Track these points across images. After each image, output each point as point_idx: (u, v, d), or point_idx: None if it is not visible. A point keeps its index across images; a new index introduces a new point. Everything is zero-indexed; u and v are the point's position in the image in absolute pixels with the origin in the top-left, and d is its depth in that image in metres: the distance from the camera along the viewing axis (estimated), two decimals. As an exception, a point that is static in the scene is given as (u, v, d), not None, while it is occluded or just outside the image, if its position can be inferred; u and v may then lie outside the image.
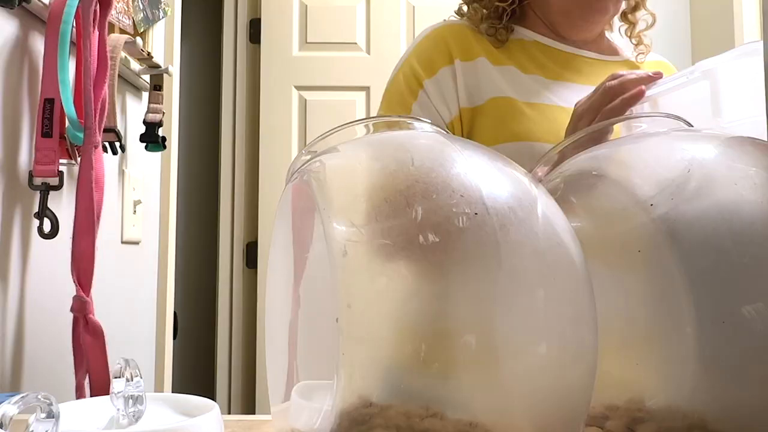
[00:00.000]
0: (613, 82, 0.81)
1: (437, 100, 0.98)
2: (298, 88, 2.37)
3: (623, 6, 1.02)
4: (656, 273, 0.48)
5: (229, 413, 2.27)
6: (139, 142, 1.25)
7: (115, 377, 0.53)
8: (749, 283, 0.45)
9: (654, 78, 0.79)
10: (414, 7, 2.39)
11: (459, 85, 0.98)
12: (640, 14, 1.05)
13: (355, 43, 2.39)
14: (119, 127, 1.08)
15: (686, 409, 0.46)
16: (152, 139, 1.24)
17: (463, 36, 1.01)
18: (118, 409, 0.53)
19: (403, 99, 1.01)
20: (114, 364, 0.55)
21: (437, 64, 0.99)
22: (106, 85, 0.96)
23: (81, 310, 0.87)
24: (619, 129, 0.73)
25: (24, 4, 0.88)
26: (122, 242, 1.26)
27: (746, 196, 0.47)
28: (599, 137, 0.62)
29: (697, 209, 0.48)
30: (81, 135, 0.90)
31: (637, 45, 1.06)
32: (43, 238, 0.90)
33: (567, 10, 1.00)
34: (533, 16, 1.04)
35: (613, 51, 1.06)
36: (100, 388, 0.87)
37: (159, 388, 1.43)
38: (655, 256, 0.48)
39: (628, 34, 1.06)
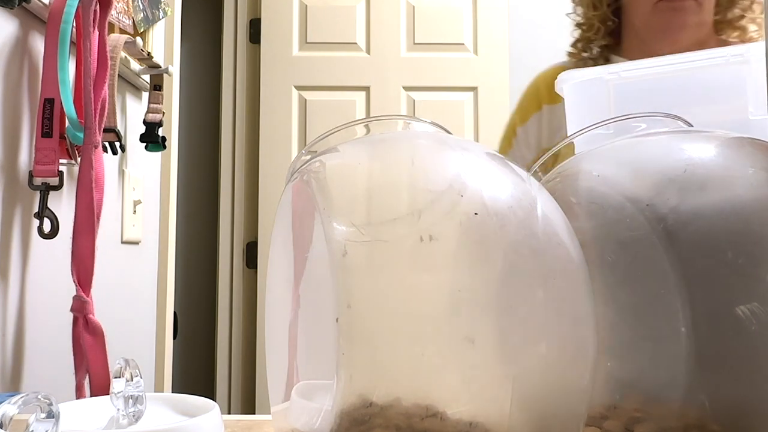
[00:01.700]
0: None
1: (523, 145, 1.11)
2: (298, 88, 2.37)
3: (724, 15, 1.06)
4: (653, 273, 0.48)
5: (229, 413, 2.27)
6: (139, 142, 1.25)
7: (115, 377, 0.53)
8: (745, 283, 0.45)
9: None
10: (414, 7, 2.39)
11: (543, 128, 1.11)
12: (752, 19, 1.07)
13: (355, 43, 2.39)
14: (119, 127, 1.08)
15: (683, 409, 0.46)
16: (152, 139, 1.24)
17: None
18: (118, 409, 0.53)
19: (507, 138, 1.19)
20: (114, 364, 0.55)
21: (528, 113, 1.13)
22: (106, 85, 0.96)
23: (81, 310, 0.87)
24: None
25: (24, 4, 0.88)
26: (122, 242, 1.26)
27: (743, 196, 0.47)
28: None
29: (693, 209, 0.48)
30: (81, 135, 0.90)
31: None
32: (43, 238, 0.90)
33: (648, 26, 1.06)
34: (628, 40, 1.11)
35: None
36: (100, 388, 0.87)
37: (159, 388, 1.43)
38: (652, 256, 0.48)
39: (741, 40, 1.08)
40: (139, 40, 1.14)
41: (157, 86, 1.24)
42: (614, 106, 0.77)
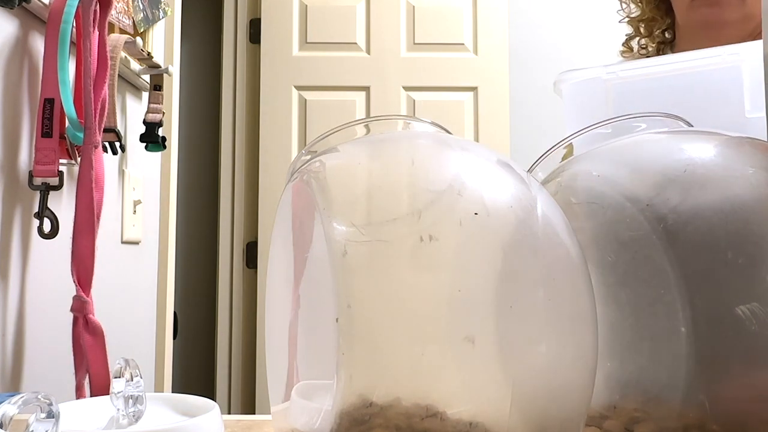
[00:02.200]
0: None
1: None
2: (298, 88, 2.37)
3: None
4: (653, 273, 0.48)
5: (229, 413, 2.27)
6: (139, 142, 1.25)
7: (115, 377, 0.53)
8: (744, 283, 0.45)
9: None
10: (414, 7, 2.39)
11: None
12: None
13: (355, 43, 2.39)
14: (119, 127, 1.08)
15: (683, 409, 0.46)
16: (152, 139, 1.24)
17: None
18: (118, 409, 0.53)
19: None
20: (114, 364, 0.55)
21: None
22: (106, 85, 0.96)
23: (81, 310, 0.87)
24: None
25: (24, 4, 0.88)
26: (122, 242, 1.26)
27: (743, 196, 0.47)
28: None
29: (693, 209, 0.48)
30: (81, 135, 0.90)
31: None
32: (43, 238, 0.90)
33: (689, 23, 1.04)
34: (678, 36, 1.10)
35: None
36: (100, 388, 0.87)
37: (159, 388, 1.43)
38: (652, 256, 0.48)
39: None
40: (139, 40, 1.14)
41: (157, 86, 1.24)
42: (612, 106, 0.77)
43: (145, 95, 1.33)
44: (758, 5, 1.00)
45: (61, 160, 0.92)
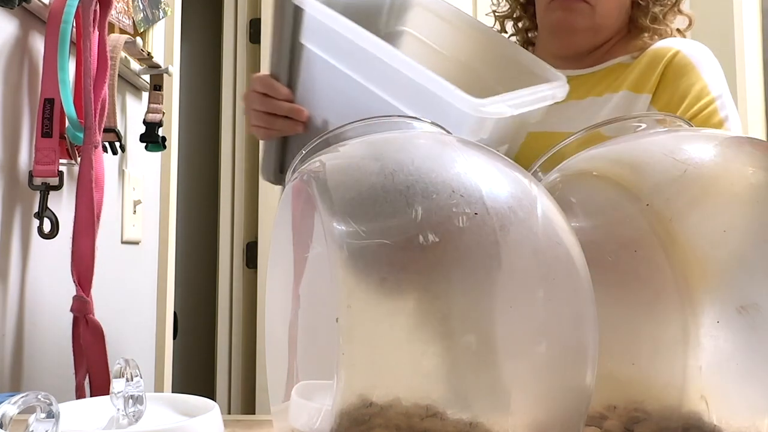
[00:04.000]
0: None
1: None
2: (298, 88, 2.37)
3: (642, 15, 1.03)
4: (652, 273, 0.48)
5: (229, 413, 2.27)
6: (139, 142, 1.25)
7: (115, 377, 0.53)
8: (744, 282, 0.45)
9: None
10: (414, 7, 2.39)
11: None
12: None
13: (355, 43, 2.39)
14: (119, 127, 1.08)
15: (683, 409, 0.46)
16: (152, 139, 1.24)
17: None
18: (118, 409, 0.53)
19: None
20: (114, 364, 0.55)
21: None
22: (106, 85, 0.96)
23: (81, 310, 0.87)
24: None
25: (24, 4, 0.88)
26: (122, 242, 1.26)
27: (743, 196, 0.47)
28: None
29: (693, 209, 0.48)
30: (81, 135, 0.90)
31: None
32: (43, 238, 0.90)
33: (543, 25, 1.07)
34: (538, 41, 1.12)
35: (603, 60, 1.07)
36: (100, 388, 0.87)
37: (159, 388, 1.43)
38: (651, 256, 0.48)
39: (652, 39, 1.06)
40: (139, 40, 1.14)
41: (157, 86, 1.24)
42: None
43: (145, 95, 1.33)
44: (608, 20, 1.02)
45: (61, 160, 0.92)
